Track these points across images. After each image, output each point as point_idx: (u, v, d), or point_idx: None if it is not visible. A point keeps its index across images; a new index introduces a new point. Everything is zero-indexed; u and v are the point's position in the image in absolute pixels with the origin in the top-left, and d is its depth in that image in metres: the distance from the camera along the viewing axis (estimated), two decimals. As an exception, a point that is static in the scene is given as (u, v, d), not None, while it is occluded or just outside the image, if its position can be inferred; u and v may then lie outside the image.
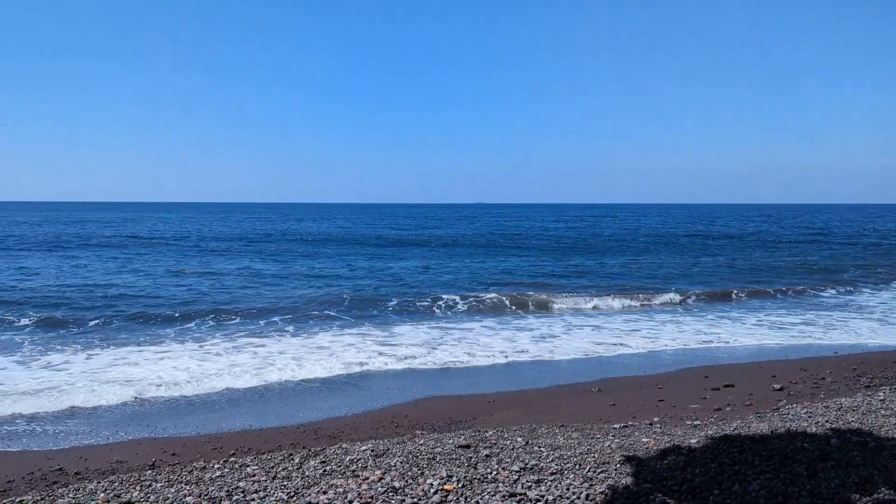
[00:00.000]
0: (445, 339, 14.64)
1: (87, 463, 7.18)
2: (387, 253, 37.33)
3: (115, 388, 10.15)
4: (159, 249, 37.92)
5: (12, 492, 6.33)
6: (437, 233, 58.99)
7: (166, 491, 5.87)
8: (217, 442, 7.87)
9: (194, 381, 10.69)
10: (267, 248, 39.16)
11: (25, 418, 8.83)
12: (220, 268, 27.96)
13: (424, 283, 23.77)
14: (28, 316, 15.88)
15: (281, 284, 23.10)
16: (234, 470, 6.44)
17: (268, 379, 10.97)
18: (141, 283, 23.01)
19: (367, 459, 6.55)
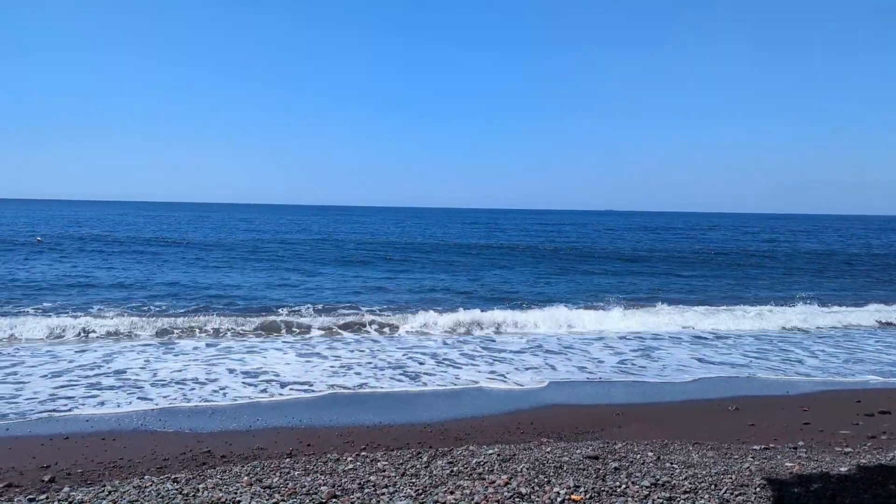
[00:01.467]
0: (574, 347, 14.42)
1: (231, 447, 7.67)
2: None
3: (255, 378, 10.84)
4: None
5: (168, 469, 6.87)
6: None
7: (303, 479, 6.16)
8: (349, 436, 8.17)
9: (325, 377, 11.20)
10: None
11: (181, 401, 9.59)
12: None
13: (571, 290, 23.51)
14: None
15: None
16: (366, 464, 6.67)
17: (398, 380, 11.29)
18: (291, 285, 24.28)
19: (493, 463, 6.57)
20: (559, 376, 11.77)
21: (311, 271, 28.39)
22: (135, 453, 7.40)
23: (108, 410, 9.10)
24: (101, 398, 9.63)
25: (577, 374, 11.96)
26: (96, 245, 39.24)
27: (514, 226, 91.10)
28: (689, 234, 72.95)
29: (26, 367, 11.28)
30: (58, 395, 9.73)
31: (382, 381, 11.07)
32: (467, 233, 68.19)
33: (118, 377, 10.83)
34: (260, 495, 5.68)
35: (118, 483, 6.16)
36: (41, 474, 6.63)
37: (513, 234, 65.90)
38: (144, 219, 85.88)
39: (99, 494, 5.79)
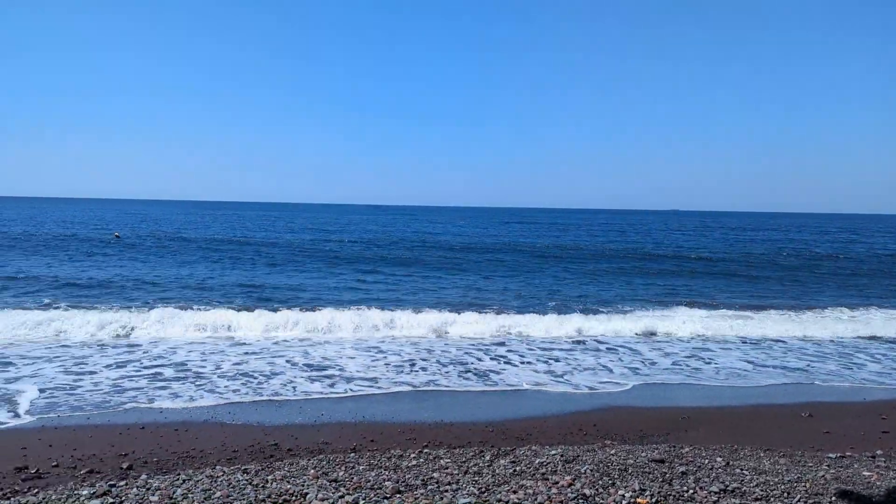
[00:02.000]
0: (625, 348, 14.18)
1: (297, 441, 7.85)
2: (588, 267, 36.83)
3: (321, 372, 11.07)
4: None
5: (237, 460, 7.09)
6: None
7: (368, 474, 6.26)
8: (411, 433, 8.25)
9: (389, 375, 11.34)
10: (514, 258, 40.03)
11: (249, 395, 9.86)
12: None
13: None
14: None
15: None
16: (429, 461, 6.73)
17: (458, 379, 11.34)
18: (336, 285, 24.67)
19: (556, 464, 6.53)
20: (619, 378, 11.60)
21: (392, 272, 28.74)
22: (206, 444, 7.65)
23: (181, 404, 9.43)
24: (174, 390, 9.99)
25: (635, 377, 11.75)
26: (187, 244, 40.48)
27: (574, 225, 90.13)
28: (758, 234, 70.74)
29: (143, 359, 11.81)
30: (140, 386, 10.15)
31: (447, 379, 11.14)
32: (532, 232, 67.81)
33: (194, 370, 11.22)
34: (326, 488, 5.79)
35: (192, 472, 6.39)
36: (120, 462, 6.94)
37: (576, 234, 65.19)
38: (211, 218, 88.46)
39: (174, 482, 6.02)
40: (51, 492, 5.83)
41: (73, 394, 9.61)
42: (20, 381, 10.11)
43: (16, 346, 12.54)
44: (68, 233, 46.99)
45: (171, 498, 5.57)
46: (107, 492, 5.75)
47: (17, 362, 11.31)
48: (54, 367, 11.10)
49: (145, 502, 5.45)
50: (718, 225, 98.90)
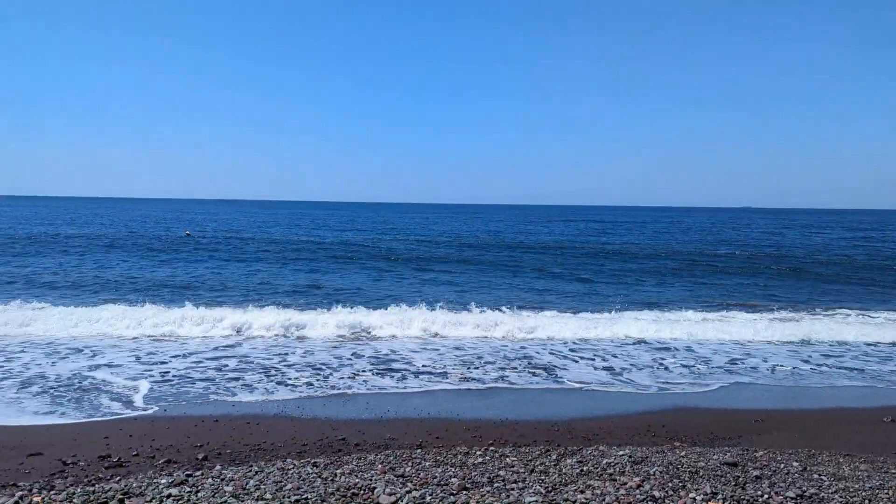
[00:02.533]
0: (689, 350, 13.83)
1: (364, 436, 7.97)
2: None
3: (384, 370, 11.22)
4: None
5: (307, 454, 7.24)
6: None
7: (434, 470, 6.31)
8: (477, 430, 8.26)
9: (455, 373, 11.40)
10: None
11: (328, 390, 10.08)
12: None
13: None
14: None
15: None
16: (495, 458, 6.73)
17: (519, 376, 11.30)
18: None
19: (624, 465, 6.43)
20: (684, 378, 11.33)
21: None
22: (277, 437, 7.85)
23: (255, 397, 9.70)
24: (247, 383, 10.29)
25: (701, 378, 11.45)
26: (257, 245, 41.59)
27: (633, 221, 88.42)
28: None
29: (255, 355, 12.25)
30: (218, 379, 10.50)
31: (515, 376, 11.13)
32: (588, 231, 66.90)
33: (271, 366, 11.54)
34: (393, 483, 5.87)
35: (263, 464, 6.57)
36: (195, 452, 7.19)
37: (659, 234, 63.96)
38: (259, 218, 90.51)
39: (247, 474, 6.20)
40: (132, 480, 6.09)
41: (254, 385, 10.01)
42: (100, 370, 10.61)
43: (102, 340, 13.15)
44: (148, 232, 48.84)
45: (244, 489, 5.74)
46: (184, 481, 5.98)
47: (106, 352, 11.86)
48: (184, 362, 11.59)
49: (220, 492, 5.63)
50: (794, 223, 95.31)
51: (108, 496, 5.49)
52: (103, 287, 21.18)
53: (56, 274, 24.05)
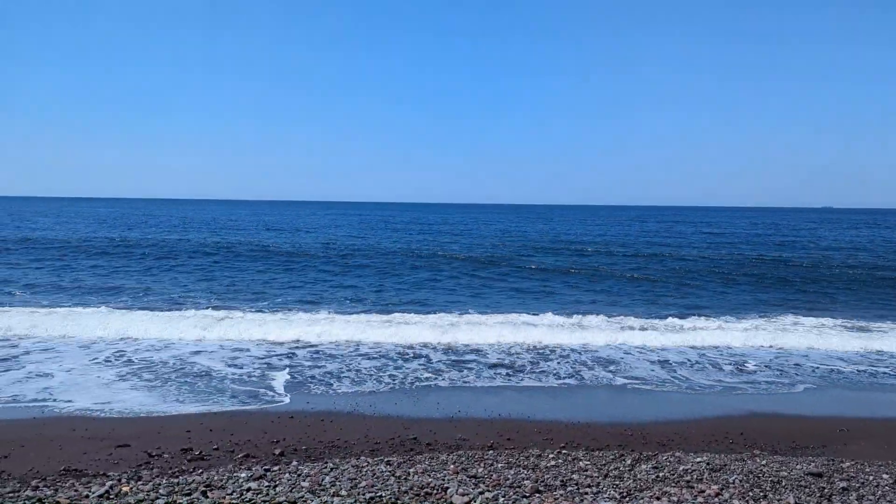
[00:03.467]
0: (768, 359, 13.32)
1: (436, 436, 8.01)
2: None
3: (460, 356, 11.27)
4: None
5: (380, 452, 7.34)
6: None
7: (506, 472, 6.29)
8: (548, 433, 8.19)
9: (525, 373, 11.35)
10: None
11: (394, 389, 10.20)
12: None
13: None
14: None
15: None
16: (568, 462, 6.66)
17: (584, 376, 11.15)
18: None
19: (702, 472, 6.26)
20: (759, 383, 10.93)
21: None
22: (350, 435, 7.98)
23: (328, 393, 9.90)
24: (330, 382, 10.51)
25: (773, 385, 11.02)
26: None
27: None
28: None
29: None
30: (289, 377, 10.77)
31: (587, 373, 11.01)
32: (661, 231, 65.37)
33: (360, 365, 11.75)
34: (466, 484, 5.89)
35: (338, 461, 6.70)
36: (272, 448, 7.38)
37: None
38: (307, 218, 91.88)
39: (322, 470, 6.33)
40: (213, 473, 6.31)
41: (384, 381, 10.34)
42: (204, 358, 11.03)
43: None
44: (220, 241, 50.27)
45: (320, 485, 5.86)
46: (262, 476, 6.15)
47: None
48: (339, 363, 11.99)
49: (297, 487, 5.77)
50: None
51: (191, 488, 5.70)
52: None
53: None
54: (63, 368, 10.83)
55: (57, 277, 22.92)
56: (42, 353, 11.87)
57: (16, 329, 13.72)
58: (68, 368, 10.85)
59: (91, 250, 33.04)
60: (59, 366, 11.00)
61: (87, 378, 10.32)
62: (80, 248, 34.20)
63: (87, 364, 11.23)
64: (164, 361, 11.54)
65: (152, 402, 9.23)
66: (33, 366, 10.96)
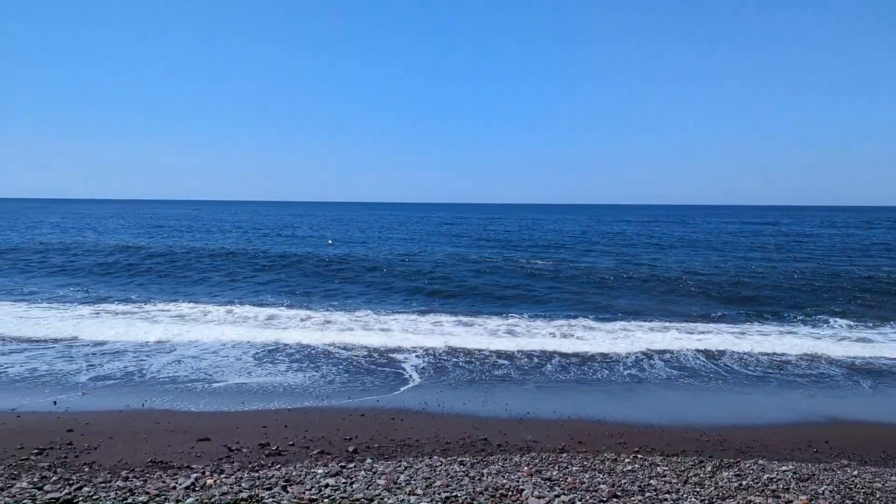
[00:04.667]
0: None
1: (506, 437, 7.96)
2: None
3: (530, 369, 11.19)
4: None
5: (451, 452, 7.34)
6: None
7: (582, 475, 6.20)
8: (620, 436, 8.04)
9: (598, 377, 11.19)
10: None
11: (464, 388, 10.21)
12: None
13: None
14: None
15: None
16: (645, 467, 6.52)
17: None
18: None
19: (788, 481, 6.04)
20: (844, 388, 10.45)
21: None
22: (420, 434, 8.01)
23: (392, 391, 9.98)
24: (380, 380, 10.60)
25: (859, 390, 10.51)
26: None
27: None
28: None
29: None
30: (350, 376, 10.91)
31: (661, 373, 10.77)
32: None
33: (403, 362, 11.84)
34: (541, 486, 5.83)
35: (412, 460, 6.74)
36: (346, 445, 7.48)
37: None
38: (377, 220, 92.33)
39: (396, 468, 6.38)
40: (290, 468, 6.43)
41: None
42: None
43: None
44: (294, 253, 43.85)
45: (395, 483, 5.91)
46: (339, 472, 6.24)
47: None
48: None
49: (373, 485, 5.83)
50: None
51: (271, 482, 5.83)
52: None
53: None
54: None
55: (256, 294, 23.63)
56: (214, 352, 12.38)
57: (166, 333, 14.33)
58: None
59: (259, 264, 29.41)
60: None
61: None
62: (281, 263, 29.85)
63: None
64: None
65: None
66: (191, 360, 11.44)
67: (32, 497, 5.31)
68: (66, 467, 6.38)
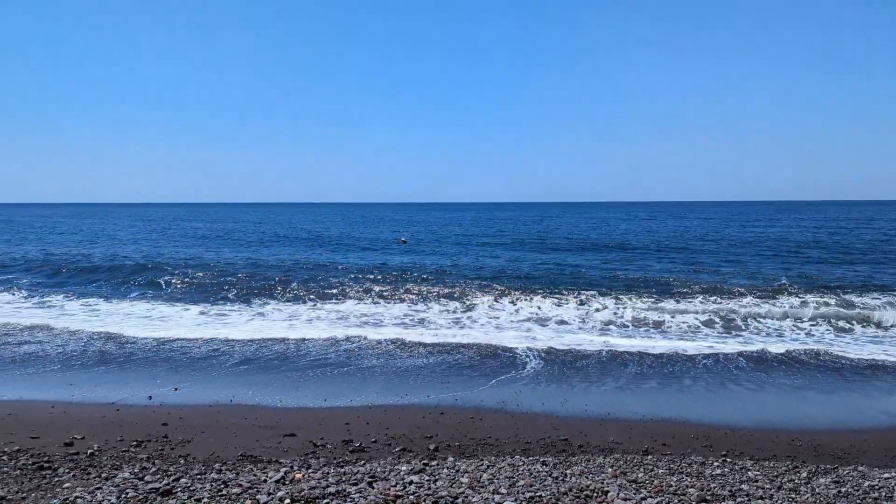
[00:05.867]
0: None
1: (587, 438, 7.87)
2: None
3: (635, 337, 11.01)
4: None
5: (531, 452, 7.31)
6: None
7: (669, 478, 6.06)
8: (706, 438, 7.82)
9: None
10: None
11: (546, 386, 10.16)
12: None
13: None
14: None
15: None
16: (735, 471, 6.33)
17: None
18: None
19: (891, 489, 5.74)
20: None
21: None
22: (500, 433, 8.01)
23: (475, 390, 10.01)
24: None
25: None
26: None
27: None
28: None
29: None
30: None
31: (742, 376, 10.42)
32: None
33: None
34: (627, 488, 5.73)
35: (493, 459, 6.74)
36: (427, 443, 7.55)
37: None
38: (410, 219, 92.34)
39: (479, 467, 6.39)
40: (374, 465, 6.54)
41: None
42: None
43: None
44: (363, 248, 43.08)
45: (478, 481, 5.92)
46: (422, 469, 6.30)
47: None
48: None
49: (456, 483, 5.86)
50: None
51: (357, 478, 5.94)
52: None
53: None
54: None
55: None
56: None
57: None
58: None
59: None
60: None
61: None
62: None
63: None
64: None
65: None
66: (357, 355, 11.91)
67: (134, 486, 5.59)
68: (163, 459, 6.68)
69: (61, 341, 13.19)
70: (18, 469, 6.13)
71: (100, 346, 12.82)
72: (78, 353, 12.19)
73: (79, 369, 11.00)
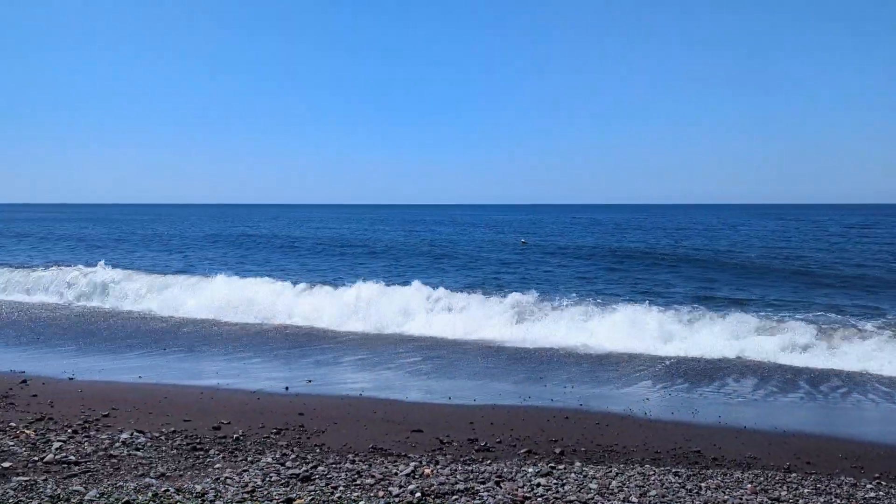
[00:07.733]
0: None
1: (721, 451, 7.47)
2: None
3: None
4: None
5: (661, 462, 7.04)
6: None
7: (815, 498, 5.69)
8: (856, 459, 7.24)
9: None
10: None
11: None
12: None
13: None
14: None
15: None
16: (891, 495, 5.85)
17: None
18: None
19: None
20: None
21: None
22: (627, 441, 7.80)
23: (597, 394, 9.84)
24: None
25: None
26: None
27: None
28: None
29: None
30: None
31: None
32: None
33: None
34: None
35: (622, 467, 6.59)
36: (552, 447, 7.48)
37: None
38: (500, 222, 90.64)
39: (608, 474, 6.27)
40: (501, 465, 6.57)
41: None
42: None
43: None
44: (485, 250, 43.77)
45: (608, 488, 5.81)
46: (549, 472, 6.26)
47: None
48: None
49: (585, 489, 5.77)
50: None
51: (484, 477, 6.00)
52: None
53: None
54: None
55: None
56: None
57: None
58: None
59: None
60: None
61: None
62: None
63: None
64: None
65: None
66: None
67: (277, 471, 5.93)
68: (300, 447, 7.03)
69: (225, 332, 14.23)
70: (175, 448, 6.66)
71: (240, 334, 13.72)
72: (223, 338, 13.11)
73: (221, 358, 11.83)
